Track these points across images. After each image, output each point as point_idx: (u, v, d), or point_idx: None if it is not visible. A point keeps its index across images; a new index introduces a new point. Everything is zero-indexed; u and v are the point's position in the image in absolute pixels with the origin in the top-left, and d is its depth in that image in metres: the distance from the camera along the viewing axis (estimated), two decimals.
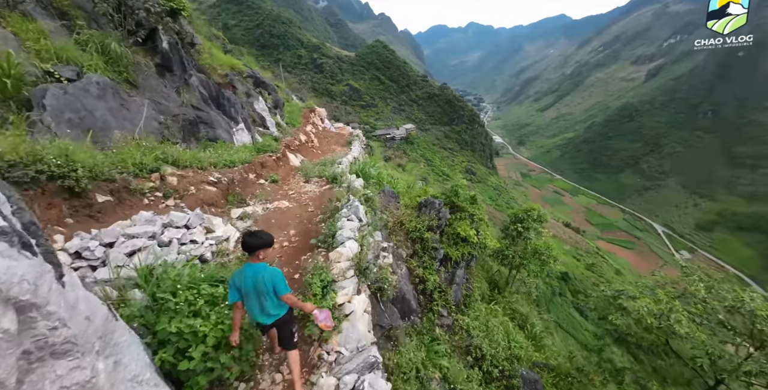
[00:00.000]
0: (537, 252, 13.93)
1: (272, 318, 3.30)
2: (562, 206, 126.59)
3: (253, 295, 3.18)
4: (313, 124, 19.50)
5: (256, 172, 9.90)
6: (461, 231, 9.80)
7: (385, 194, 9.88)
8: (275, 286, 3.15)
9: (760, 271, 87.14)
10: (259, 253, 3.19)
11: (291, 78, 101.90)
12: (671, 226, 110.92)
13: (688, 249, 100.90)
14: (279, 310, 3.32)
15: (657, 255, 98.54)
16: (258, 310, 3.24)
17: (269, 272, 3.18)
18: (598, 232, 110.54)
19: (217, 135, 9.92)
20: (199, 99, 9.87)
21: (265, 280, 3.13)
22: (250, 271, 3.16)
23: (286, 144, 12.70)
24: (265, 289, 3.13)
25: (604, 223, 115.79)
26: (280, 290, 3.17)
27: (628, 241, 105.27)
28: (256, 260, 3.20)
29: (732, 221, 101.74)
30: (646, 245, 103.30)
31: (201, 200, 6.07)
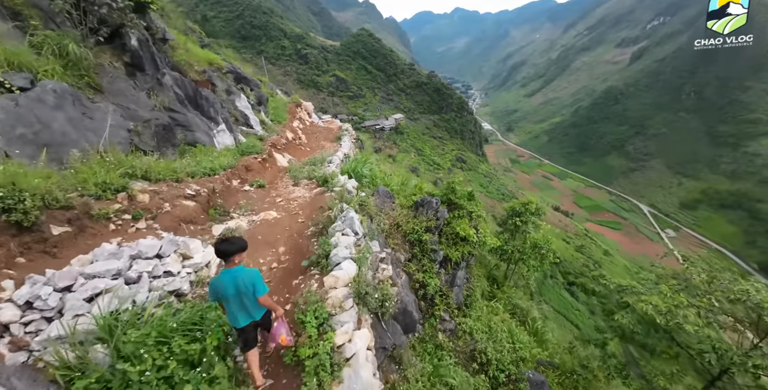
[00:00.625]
0: (536, 246, 13.66)
1: (255, 316, 3.37)
2: (551, 190, 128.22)
3: (235, 299, 3.22)
4: (300, 120, 18.75)
5: (240, 177, 9.29)
6: (460, 230, 9.40)
7: (379, 195, 9.37)
8: (254, 285, 3.21)
9: (742, 247, 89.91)
10: (235, 258, 3.21)
11: (275, 70, 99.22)
12: (656, 205, 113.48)
13: (673, 227, 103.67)
14: (260, 309, 3.42)
15: (644, 235, 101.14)
16: (242, 312, 3.29)
17: (247, 273, 3.23)
18: (586, 215, 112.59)
19: (197, 138, 9.23)
20: (174, 100, 9.03)
21: (245, 282, 3.17)
22: (228, 276, 3.17)
23: (272, 143, 12.04)
24: (246, 290, 3.18)
25: (592, 206, 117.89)
26: (259, 290, 3.23)
27: (615, 222, 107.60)
28: (232, 265, 3.21)
29: (715, 199, 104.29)
30: (632, 225, 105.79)
31: (178, 218, 5.49)
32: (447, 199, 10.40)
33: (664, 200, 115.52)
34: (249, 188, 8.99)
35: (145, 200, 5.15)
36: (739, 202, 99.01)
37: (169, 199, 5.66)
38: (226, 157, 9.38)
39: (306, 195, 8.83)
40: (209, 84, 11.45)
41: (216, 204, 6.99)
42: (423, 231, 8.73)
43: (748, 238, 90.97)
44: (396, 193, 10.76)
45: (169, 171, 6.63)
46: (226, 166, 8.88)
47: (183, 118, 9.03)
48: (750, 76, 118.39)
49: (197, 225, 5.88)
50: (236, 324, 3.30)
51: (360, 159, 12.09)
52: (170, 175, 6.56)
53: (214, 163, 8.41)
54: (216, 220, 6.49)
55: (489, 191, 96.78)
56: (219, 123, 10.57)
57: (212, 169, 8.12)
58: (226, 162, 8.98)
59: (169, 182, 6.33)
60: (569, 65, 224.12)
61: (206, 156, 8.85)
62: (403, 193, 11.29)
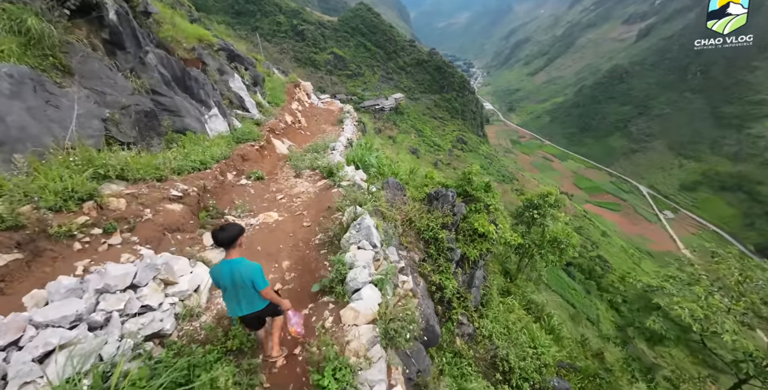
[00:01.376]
0: (556, 240, 12.89)
1: (254, 308, 3.24)
2: (551, 172, 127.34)
3: (231, 290, 3.13)
4: (299, 101, 17.57)
5: (236, 168, 8.41)
6: (479, 226, 8.67)
7: (389, 187, 8.59)
8: (254, 281, 3.08)
9: (740, 229, 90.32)
10: (234, 248, 3.10)
11: (271, 48, 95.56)
12: (656, 187, 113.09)
13: (671, 209, 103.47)
14: (260, 302, 3.26)
15: (642, 216, 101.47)
16: (236, 304, 3.19)
17: (246, 267, 3.09)
18: (586, 196, 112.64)
19: (186, 125, 8.38)
20: (159, 81, 8.07)
21: (243, 276, 3.05)
22: (226, 267, 3.07)
23: (270, 128, 11.05)
24: (242, 284, 3.07)
25: (592, 187, 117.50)
26: (259, 285, 3.11)
27: (614, 204, 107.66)
28: (234, 255, 3.11)
29: (716, 181, 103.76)
30: (631, 206, 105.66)
31: (161, 226, 4.65)
32: (463, 190, 9.59)
33: (664, 182, 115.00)
34: (246, 181, 8.18)
35: (120, 207, 4.28)
36: (739, 184, 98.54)
37: (151, 203, 4.80)
38: (220, 146, 8.57)
39: (310, 190, 8.06)
40: (199, 63, 10.32)
41: (207, 205, 6.14)
42: (439, 228, 8.03)
43: (747, 220, 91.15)
44: (405, 183, 9.92)
45: (151, 168, 5.75)
46: (220, 156, 8.05)
47: (170, 102, 8.13)
48: (757, 56, 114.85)
49: (185, 233, 5.04)
50: (233, 313, 3.26)
51: (365, 144, 11.17)
52: (152, 173, 5.69)
53: (206, 155, 7.52)
54: (208, 225, 5.65)
55: (490, 173, 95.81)
56: (211, 107, 9.62)
57: (203, 162, 7.26)
58: (220, 152, 8.15)
59: (151, 182, 5.49)
60: (574, 43, 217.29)
61: (197, 145, 7.97)
62: (413, 183, 10.45)
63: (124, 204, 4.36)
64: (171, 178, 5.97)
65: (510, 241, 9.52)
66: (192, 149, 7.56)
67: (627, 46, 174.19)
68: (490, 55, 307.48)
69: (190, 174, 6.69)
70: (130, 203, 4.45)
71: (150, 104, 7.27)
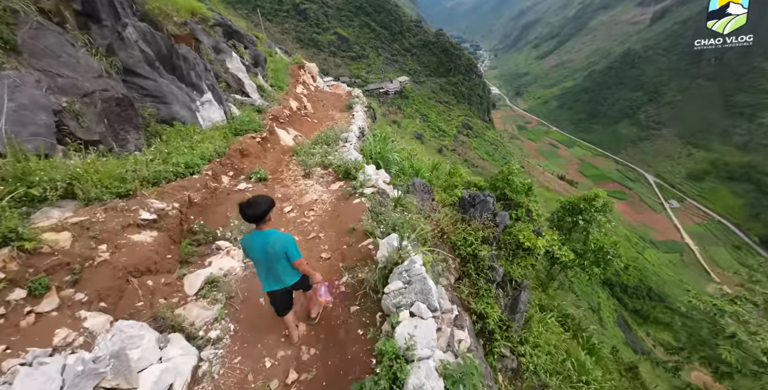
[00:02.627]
0: (601, 250, 11.49)
1: (287, 282, 3.19)
2: (557, 159, 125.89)
3: (264, 263, 3.06)
4: (304, 84, 15.96)
5: (233, 167, 7.11)
6: (524, 239, 7.42)
7: (416, 189, 7.33)
8: (287, 251, 3.00)
9: (746, 220, 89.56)
10: (265, 221, 2.95)
11: (272, 27, 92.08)
12: (663, 176, 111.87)
13: (677, 198, 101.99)
14: (294, 275, 3.23)
15: (647, 205, 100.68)
16: (270, 278, 3.13)
17: (279, 238, 2.99)
18: (591, 184, 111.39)
19: (173, 114, 7.11)
20: (141, 60, 6.75)
21: (275, 247, 2.95)
22: (258, 238, 2.96)
23: (273, 116, 9.69)
24: (275, 256, 2.99)
25: (598, 175, 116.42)
26: (293, 256, 3.03)
27: (619, 192, 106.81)
28: (264, 227, 2.98)
29: (724, 171, 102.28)
30: (637, 195, 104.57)
31: (124, 269, 3.40)
32: (501, 194, 8.20)
33: (671, 170, 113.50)
34: (246, 185, 6.82)
35: (62, 246, 2.94)
36: (747, 175, 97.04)
37: (110, 235, 3.54)
38: (214, 141, 7.23)
39: (324, 197, 6.71)
40: (192, 40, 8.92)
41: (193, 227, 4.86)
42: (479, 242, 6.74)
43: (753, 211, 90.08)
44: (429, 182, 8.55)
45: (115, 179, 4.39)
46: (213, 154, 6.79)
47: (153, 86, 6.85)
48: None
49: (159, 276, 3.79)
50: (264, 288, 3.21)
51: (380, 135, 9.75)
52: (116, 187, 4.35)
53: (194, 154, 6.26)
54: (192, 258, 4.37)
55: (495, 159, 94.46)
56: (204, 91, 8.20)
57: (189, 165, 6.00)
58: (213, 148, 6.90)
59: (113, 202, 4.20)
60: (586, 25, 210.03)
61: (185, 140, 6.66)
62: (438, 181, 9.08)
63: (68, 240, 3.02)
64: (142, 194, 4.59)
65: (560, 256, 8.16)
66: (177, 147, 6.25)
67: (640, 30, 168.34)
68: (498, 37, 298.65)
69: (171, 183, 5.35)
70: (77, 238, 3.12)
71: (122, 89, 5.92)
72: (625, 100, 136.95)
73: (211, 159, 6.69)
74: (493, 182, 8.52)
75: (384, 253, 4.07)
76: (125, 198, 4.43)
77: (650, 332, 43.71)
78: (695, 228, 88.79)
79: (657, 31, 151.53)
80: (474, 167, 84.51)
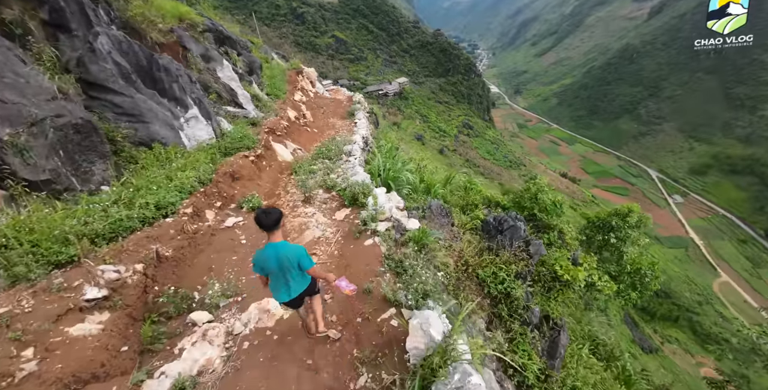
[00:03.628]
0: (638, 272, 10.12)
1: (298, 291, 3.34)
2: (558, 156, 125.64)
3: (279, 274, 3.19)
4: (303, 91, 16.23)
5: (221, 196, 6.59)
6: (563, 271, 6.49)
7: (432, 213, 6.63)
8: (300, 261, 3.17)
9: (750, 213, 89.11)
10: (276, 231, 3.15)
11: (270, 32, 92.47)
12: (665, 171, 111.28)
13: (680, 193, 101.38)
14: (303, 283, 3.38)
15: (650, 200, 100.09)
16: (285, 289, 3.27)
17: (292, 249, 3.17)
18: (593, 181, 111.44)
19: (153, 134, 6.54)
20: (114, 74, 6.20)
21: (289, 257, 3.13)
22: (272, 251, 3.13)
23: (269, 128, 9.55)
24: (289, 265, 3.14)
25: (600, 171, 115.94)
26: (306, 265, 3.19)
27: (622, 188, 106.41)
28: (277, 238, 3.17)
29: (726, 164, 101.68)
30: (640, 191, 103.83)
31: (59, 382, 2.79)
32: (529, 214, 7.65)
33: (673, 165, 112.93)
34: (235, 220, 6.10)
35: None
36: (750, 168, 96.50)
37: (38, 333, 2.86)
38: (198, 165, 6.50)
39: (329, 233, 5.84)
40: (179, 48, 8.74)
41: (161, 293, 4.21)
42: (512, 278, 5.94)
43: (757, 205, 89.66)
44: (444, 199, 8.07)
45: (54, 242, 3.64)
46: (194, 184, 6.03)
47: (128, 102, 6.30)
48: None
49: (110, 381, 3.05)
50: (278, 299, 3.34)
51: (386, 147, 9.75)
52: (54, 252, 3.58)
53: (171, 187, 5.58)
54: (157, 345, 3.62)
55: (496, 158, 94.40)
56: (188, 106, 7.58)
57: (161, 206, 5.25)
58: (195, 176, 6.17)
59: (46, 280, 3.35)
60: (583, 21, 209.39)
61: (164, 168, 6.07)
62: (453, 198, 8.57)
63: None
64: (90, 259, 3.66)
65: (602, 288, 7.68)
66: (151, 178, 5.59)
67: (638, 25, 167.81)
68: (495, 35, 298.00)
69: (135, 233, 4.56)
70: None
71: (82, 112, 5.23)
72: (625, 95, 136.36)
73: (193, 190, 5.96)
74: (517, 200, 7.81)
75: (418, 345, 3.02)
76: (67, 267, 3.49)
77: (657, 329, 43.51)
78: (700, 222, 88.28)
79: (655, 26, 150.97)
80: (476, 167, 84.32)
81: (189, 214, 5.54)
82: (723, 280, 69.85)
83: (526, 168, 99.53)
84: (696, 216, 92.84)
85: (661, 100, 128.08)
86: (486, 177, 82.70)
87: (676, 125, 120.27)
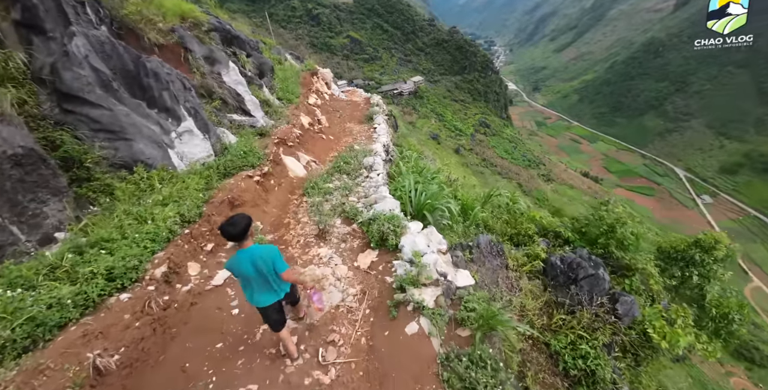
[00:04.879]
0: (726, 317, 8.19)
1: (280, 294, 3.24)
2: (579, 154, 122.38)
3: (255, 278, 3.04)
4: (317, 93, 15.05)
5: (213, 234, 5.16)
6: (658, 334, 4.96)
7: (480, 251, 5.29)
8: (275, 263, 3.05)
9: None
10: (246, 239, 3.01)
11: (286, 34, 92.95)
12: (694, 170, 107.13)
13: (710, 193, 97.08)
14: (285, 285, 3.28)
15: (677, 201, 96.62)
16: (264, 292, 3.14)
17: (265, 250, 3.04)
18: (616, 180, 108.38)
19: (135, 154, 5.38)
20: (92, 82, 5.16)
21: (264, 257, 3.00)
22: (245, 255, 2.99)
23: (279, 138, 8.44)
24: (266, 268, 3.01)
25: (623, 170, 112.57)
26: (279, 267, 3.07)
27: (647, 188, 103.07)
28: (248, 244, 3.04)
29: (759, 162, 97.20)
30: (666, 191, 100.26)
31: None
32: (605, 251, 6.09)
33: (702, 164, 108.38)
34: (224, 275, 4.66)
35: None
36: None
37: None
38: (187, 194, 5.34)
39: (350, 294, 4.38)
40: (181, 49, 7.72)
41: None
42: (599, 350, 4.60)
43: None
44: (487, 226, 6.84)
45: None
46: (173, 228, 4.77)
47: (107, 116, 5.19)
48: None
49: None
50: (258, 304, 3.16)
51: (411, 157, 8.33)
52: None
53: (138, 238, 4.31)
54: None
55: (514, 157, 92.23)
56: (181, 118, 6.35)
57: (117, 274, 3.85)
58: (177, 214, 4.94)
59: None
60: (605, 15, 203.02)
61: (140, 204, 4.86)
62: (497, 223, 7.15)
63: None
64: None
65: (705, 355, 5.84)
66: (117, 222, 4.37)
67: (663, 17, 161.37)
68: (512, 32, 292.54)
69: (67, 330, 3.35)
70: None
71: (23, 140, 4.16)
72: (650, 90, 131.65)
73: (173, 236, 4.66)
74: (582, 230, 6.28)
75: None
76: None
77: None
78: (730, 224, 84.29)
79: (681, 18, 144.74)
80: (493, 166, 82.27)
81: (159, 280, 4.10)
82: (755, 285, 66.11)
83: (546, 167, 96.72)
84: (726, 217, 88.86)
85: (689, 96, 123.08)
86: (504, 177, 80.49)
87: (704, 122, 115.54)
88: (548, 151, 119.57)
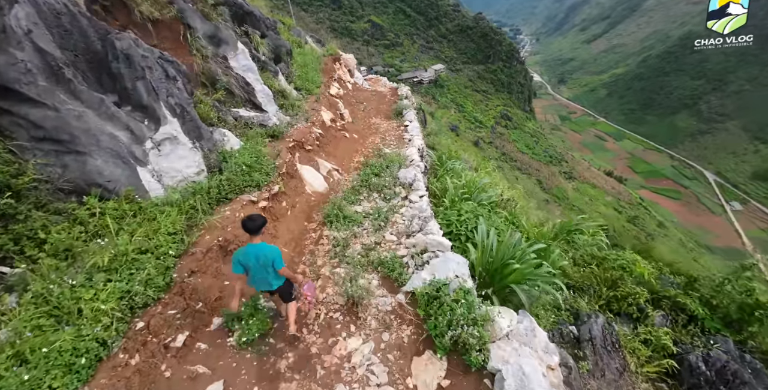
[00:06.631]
0: None
1: (275, 286, 3.65)
2: (604, 152, 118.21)
3: (259, 270, 3.48)
4: (340, 82, 13.31)
5: (188, 311, 3.65)
6: None
7: (595, 348, 3.58)
8: (274, 260, 3.46)
9: None
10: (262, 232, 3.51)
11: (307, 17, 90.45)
12: (724, 174, 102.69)
13: (740, 200, 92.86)
14: (278, 280, 3.66)
15: (705, 206, 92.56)
16: (261, 281, 3.58)
17: (269, 249, 3.48)
18: (641, 181, 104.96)
19: (88, 175, 3.84)
20: (33, 68, 3.65)
21: (266, 254, 3.43)
22: (252, 249, 3.43)
23: (295, 142, 6.80)
24: (266, 263, 3.44)
25: (650, 171, 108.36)
26: (277, 265, 3.48)
27: (674, 191, 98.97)
28: (258, 240, 3.48)
29: None
30: (693, 195, 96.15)
31: None
32: (738, 330, 4.45)
33: (734, 168, 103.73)
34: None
35: None
36: None
37: None
38: (157, 244, 3.77)
39: None
40: (180, 26, 6.08)
41: None
42: None
43: None
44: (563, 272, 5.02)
45: None
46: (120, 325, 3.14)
47: (52, 119, 3.69)
48: None
49: None
50: (268, 288, 3.64)
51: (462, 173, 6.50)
52: None
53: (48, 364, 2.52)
54: None
55: (535, 153, 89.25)
56: (161, 119, 4.63)
57: None
58: (125, 297, 3.28)
59: None
60: (640, 5, 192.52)
61: (60, 280, 3.03)
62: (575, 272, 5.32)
63: None
64: None
65: None
66: (28, 316, 2.70)
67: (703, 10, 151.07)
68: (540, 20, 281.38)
69: None
70: None
71: None
72: (685, 88, 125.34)
73: (107, 352, 2.96)
74: (710, 300, 4.59)
75: None
76: None
77: None
78: (759, 234, 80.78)
79: None
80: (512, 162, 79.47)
81: None
82: None
83: (568, 164, 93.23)
84: (756, 226, 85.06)
85: (726, 96, 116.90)
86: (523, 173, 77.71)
87: (740, 124, 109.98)
88: (571, 147, 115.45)
